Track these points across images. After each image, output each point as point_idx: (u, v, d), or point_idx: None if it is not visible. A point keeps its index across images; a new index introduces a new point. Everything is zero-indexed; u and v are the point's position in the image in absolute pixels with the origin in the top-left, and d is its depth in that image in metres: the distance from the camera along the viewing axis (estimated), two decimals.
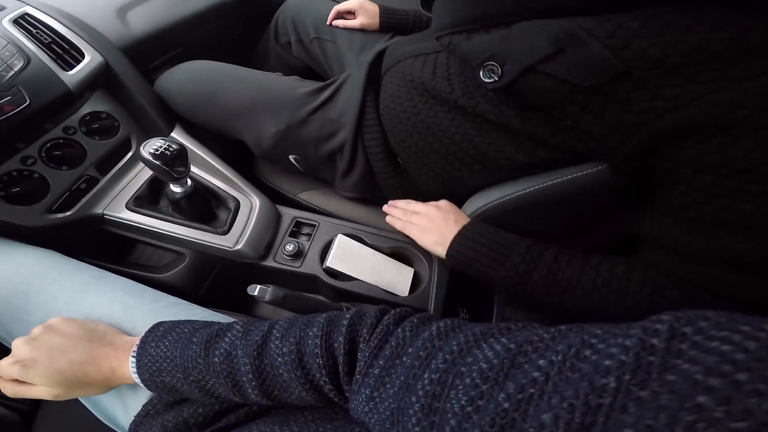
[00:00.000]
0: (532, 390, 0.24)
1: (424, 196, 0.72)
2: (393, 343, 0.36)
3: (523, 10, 0.48)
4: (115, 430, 0.54)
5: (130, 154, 0.75)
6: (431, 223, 0.66)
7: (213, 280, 0.76)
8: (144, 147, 0.57)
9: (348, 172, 0.78)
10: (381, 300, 0.71)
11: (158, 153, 0.57)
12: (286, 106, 0.76)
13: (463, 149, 0.61)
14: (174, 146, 0.58)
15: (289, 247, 0.73)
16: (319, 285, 0.74)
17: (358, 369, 0.38)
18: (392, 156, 0.74)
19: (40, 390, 0.47)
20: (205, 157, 0.78)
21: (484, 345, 0.30)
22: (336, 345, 0.39)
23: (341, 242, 0.73)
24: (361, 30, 0.90)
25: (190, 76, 0.82)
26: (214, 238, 0.70)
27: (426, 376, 0.31)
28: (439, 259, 0.65)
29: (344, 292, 0.71)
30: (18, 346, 0.47)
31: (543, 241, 0.58)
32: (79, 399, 0.54)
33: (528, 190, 0.57)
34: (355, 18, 0.91)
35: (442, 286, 0.72)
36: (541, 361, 0.26)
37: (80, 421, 0.55)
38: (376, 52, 0.77)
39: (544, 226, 0.65)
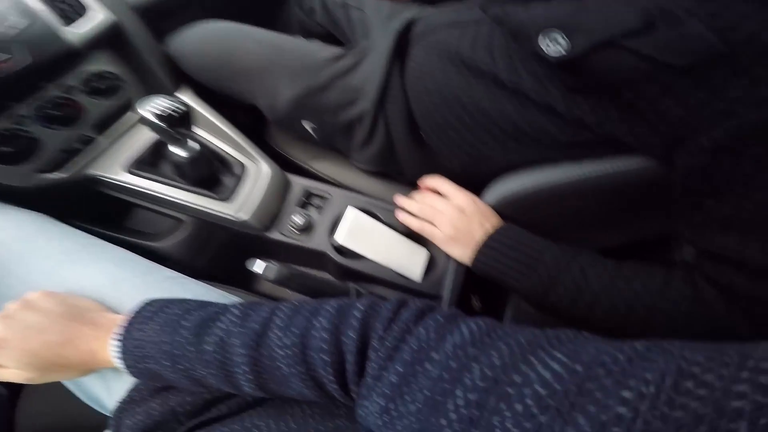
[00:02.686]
0: (616, 429, 0.19)
1: (446, 174, 0.67)
2: (414, 346, 0.31)
3: None
4: (99, 410, 0.50)
5: (131, 115, 0.71)
6: (456, 232, 0.61)
7: (213, 251, 0.72)
8: (143, 105, 0.52)
9: (366, 143, 0.73)
10: (391, 283, 0.65)
11: (160, 112, 0.52)
12: (305, 69, 0.71)
13: (498, 125, 0.57)
14: (178, 105, 0.53)
15: (297, 219, 0.67)
16: (326, 262, 0.69)
17: (369, 371, 0.32)
18: (415, 129, 0.69)
19: (11, 373, 0.43)
20: (212, 119, 0.72)
21: (534, 360, 0.25)
22: (346, 340, 0.34)
23: (353, 217, 0.67)
24: None
25: (205, 36, 0.77)
26: (216, 204, 0.65)
27: (459, 393, 0.26)
28: None
29: (353, 271, 0.66)
30: None
31: (572, 246, 0.54)
32: None
33: (566, 180, 0.53)
34: None
35: (460, 273, 0.66)
36: (624, 393, 0.21)
37: (66, 398, 0.52)
38: (405, 20, 0.71)
39: (574, 217, 0.61)
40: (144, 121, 0.53)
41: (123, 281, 0.51)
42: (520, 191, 0.58)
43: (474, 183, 0.66)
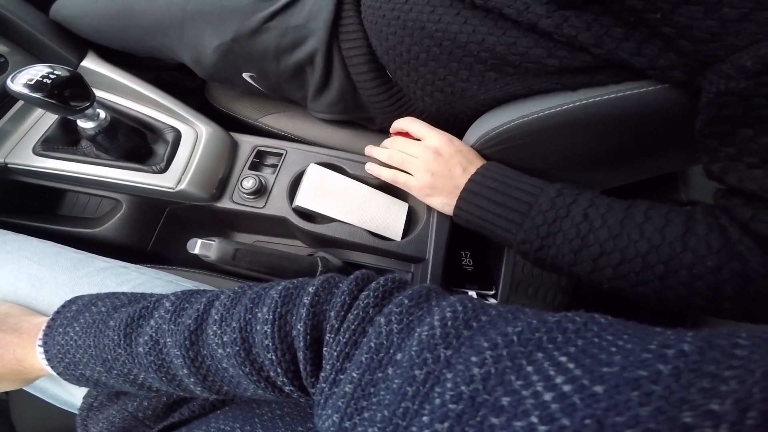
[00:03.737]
0: None
1: (421, 118, 0.59)
2: (373, 343, 0.23)
3: None
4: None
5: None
6: (433, 178, 0.54)
7: (161, 230, 0.63)
8: (13, 79, 0.42)
9: (322, 88, 0.63)
10: (368, 246, 0.57)
11: (34, 83, 0.42)
12: (229, 13, 0.59)
13: (472, 52, 0.48)
14: (57, 72, 0.43)
15: (248, 183, 0.58)
16: (292, 230, 0.60)
17: (323, 373, 0.25)
18: (379, 67, 0.60)
19: None
20: (131, 84, 0.61)
21: (530, 369, 0.17)
22: (294, 333, 0.27)
23: (314, 173, 0.58)
24: None
25: None
26: (149, 177, 0.56)
27: (426, 419, 0.18)
28: None
29: (321, 237, 0.57)
30: None
31: (573, 185, 0.47)
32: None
33: (558, 110, 0.44)
34: None
35: (444, 227, 0.56)
36: None
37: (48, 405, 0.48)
38: None
39: (569, 155, 0.52)
40: (19, 96, 0.42)
41: (45, 280, 0.45)
42: (504, 126, 0.48)
43: (454, 126, 0.58)
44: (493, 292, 0.62)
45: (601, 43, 0.39)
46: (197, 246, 0.45)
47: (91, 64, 0.62)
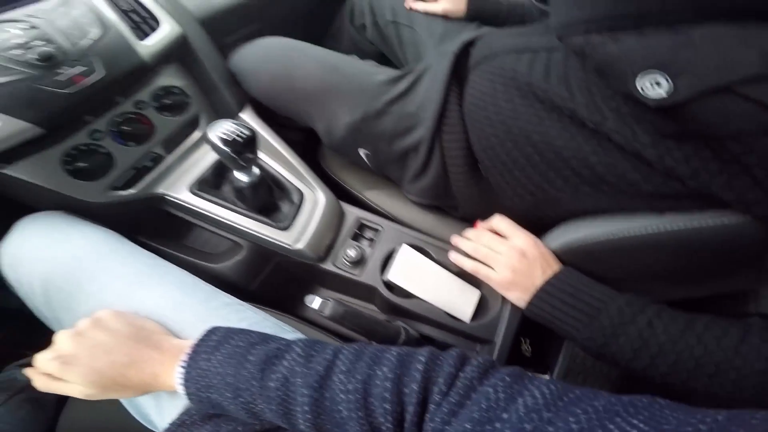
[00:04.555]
0: None
1: (504, 213, 0.65)
2: (483, 404, 0.31)
3: (708, 7, 0.39)
4: (147, 427, 0.51)
5: (197, 133, 0.71)
6: (514, 275, 0.58)
7: (267, 275, 0.72)
8: (212, 129, 0.52)
9: (420, 174, 0.70)
10: (440, 323, 0.65)
11: (228, 138, 0.52)
12: (362, 93, 0.69)
13: (572, 166, 0.53)
14: (245, 131, 0.53)
15: (352, 253, 0.67)
16: (375, 296, 0.69)
17: (431, 424, 0.33)
18: (473, 162, 0.65)
19: (73, 388, 0.44)
20: (273, 143, 0.73)
21: (612, 427, 0.25)
22: (408, 392, 0.35)
23: (405, 254, 0.67)
24: (443, 16, 0.83)
25: (266, 54, 0.76)
26: (274, 232, 0.66)
27: None
28: None
29: (401, 309, 0.66)
30: (61, 339, 0.44)
31: (640, 297, 0.51)
32: None
33: (643, 233, 0.49)
34: (436, 2, 0.83)
35: (515, 317, 0.65)
36: None
37: (111, 409, 0.53)
38: (462, 42, 0.68)
39: (645, 270, 0.56)
40: (211, 145, 0.53)
41: (184, 306, 0.52)
42: (589, 240, 0.54)
43: (535, 224, 0.63)
44: (547, 377, 0.70)
45: (697, 176, 0.43)
46: (316, 302, 0.54)
47: (247, 116, 0.74)
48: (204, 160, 0.69)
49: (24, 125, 0.49)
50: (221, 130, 0.52)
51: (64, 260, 0.53)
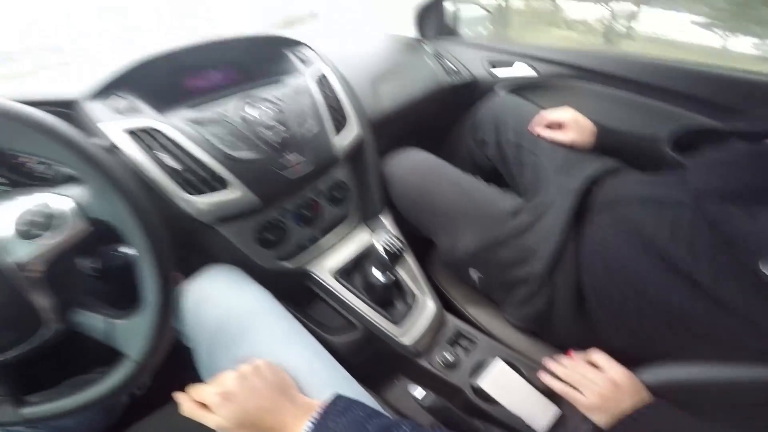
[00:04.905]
0: None
1: (599, 346, 0.66)
2: None
3: None
4: None
5: (347, 223, 0.85)
6: (602, 401, 0.59)
7: (367, 356, 0.81)
8: (376, 236, 0.65)
9: (525, 302, 0.74)
10: (515, 430, 0.69)
11: (387, 248, 0.65)
12: (487, 221, 0.76)
13: (684, 323, 0.53)
14: (400, 246, 0.66)
15: (448, 357, 0.75)
16: (457, 396, 0.75)
17: None
18: (581, 299, 0.67)
19: (215, 420, 0.51)
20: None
21: None
22: None
23: (498, 367, 0.74)
24: (568, 146, 0.83)
25: (413, 167, 0.88)
26: (388, 324, 0.76)
27: None
28: None
29: (482, 411, 0.71)
30: (228, 378, 0.53)
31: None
32: None
33: (747, 380, 0.49)
34: (564, 131, 0.84)
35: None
36: None
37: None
38: (587, 179, 0.71)
39: (745, 414, 0.54)
40: (373, 249, 0.64)
41: (316, 372, 0.60)
42: (688, 381, 0.54)
43: (630, 359, 0.63)
44: None
45: None
46: (419, 392, 0.62)
47: (386, 219, 0.87)
48: (348, 249, 0.82)
49: (253, 198, 0.65)
50: (384, 239, 0.65)
51: (237, 309, 0.64)
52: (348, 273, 0.80)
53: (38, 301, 0.42)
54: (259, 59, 0.80)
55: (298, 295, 0.81)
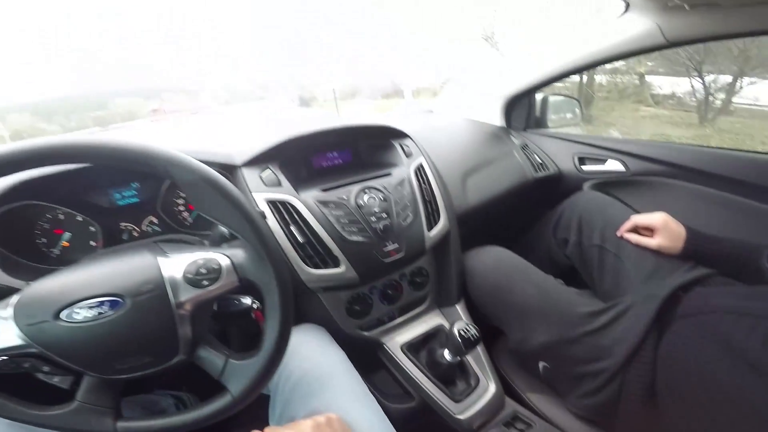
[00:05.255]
0: None
1: None
2: None
3: None
4: None
5: (422, 306, 0.93)
6: None
7: (422, 426, 0.86)
8: (454, 324, 0.72)
9: (591, 395, 0.74)
10: None
11: (465, 335, 0.70)
12: (563, 320, 0.78)
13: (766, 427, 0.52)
14: (476, 334, 0.71)
15: None
16: None
17: None
18: (651, 394, 0.66)
19: None
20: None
21: None
22: None
23: None
24: (656, 251, 0.81)
25: (495, 263, 0.92)
26: (447, 401, 0.81)
27: None
28: None
29: None
30: (305, 424, 0.58)
31: None
32: None
33: None
34: (652, 236, 0.82)
35: None
36: None
37: None
38: (674, 287, 0.71)
39: None
40: (449, 334, 0.71)
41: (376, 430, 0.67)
42: None
43: None
44: None
45: None
46: None
47: (460, 309, 0.93)
48: (419, 327, 0.90)
49: (354, 276, 0.75)
50: (461, 327, 0.72)
51: (321, 367, 0.72)
52: (415, 348, 0.87)
53: (181, 335, 0.48)
54: (371, 145, 0.92)
55: (365, 360, 0.89)
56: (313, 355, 0.73)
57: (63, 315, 0.43)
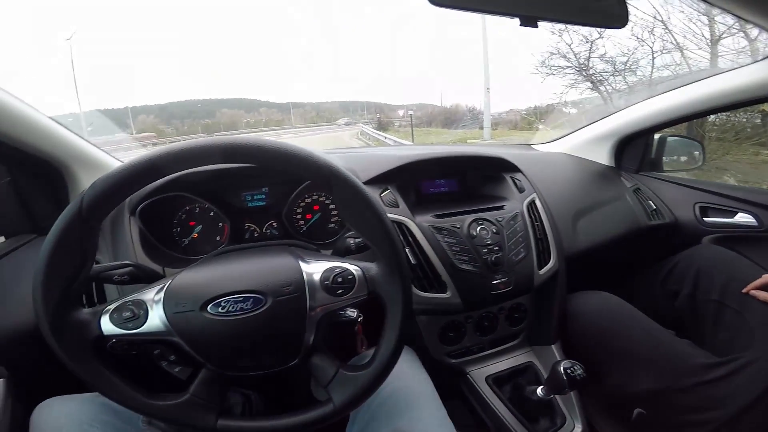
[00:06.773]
0: None
1: None
2: None
3: None
4: None
5: (515, 342, 0.92)
6: None
7: None
8: (560, 363, 0.70)
9: None
10: None
11: (571, 373, 0.68)
12: (673, 369, 0.76)
13: None
14: (582, 373, 0.68)
15: None
16: None
17: None
18: None
19: None
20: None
21: None
22: None
23: None
24: None
25: (601, 308, 0.90)
26: None
27: None
28: None
29: None
30: None
31: None
32: None
33: None
34: None
35: None
36: None
37: None
38: None
39: None
40: (555, 371, 0.69)
41: None
42: None
43: None
44: None
45: None
46: None
47: (556, 349, 0.90)
48: (507, 362, 0.88)
49: (458, 303, 0.76)
50: (567, 365, 0.69)
51: (408, 388, 0.71)
52: (500, 382, 0.86)
53: (305, 339, 0.49)
54: (480, 176, 0.94)
55: (444, 387, 0.89)
56: (403, 376, 0.74)
57: (209, 307, 0.46)
